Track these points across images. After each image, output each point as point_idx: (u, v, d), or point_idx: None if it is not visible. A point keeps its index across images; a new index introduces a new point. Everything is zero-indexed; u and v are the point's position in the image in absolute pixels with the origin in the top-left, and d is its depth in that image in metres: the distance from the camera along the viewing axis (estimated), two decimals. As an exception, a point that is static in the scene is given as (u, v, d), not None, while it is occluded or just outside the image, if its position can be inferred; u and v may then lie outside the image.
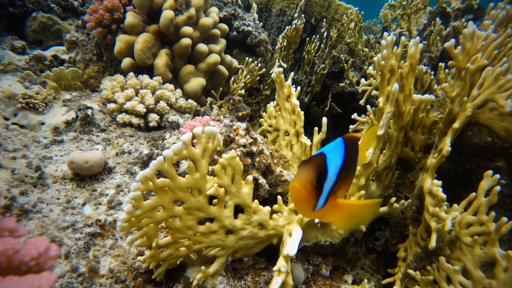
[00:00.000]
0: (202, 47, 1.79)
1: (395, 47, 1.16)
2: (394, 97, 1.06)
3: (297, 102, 1.26)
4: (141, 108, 1.46)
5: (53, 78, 1.83)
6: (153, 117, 1.49)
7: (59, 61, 2.07)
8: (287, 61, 2.29)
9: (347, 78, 2.67)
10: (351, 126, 1.63)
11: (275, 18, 3.18)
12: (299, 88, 1.29)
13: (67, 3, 2.85)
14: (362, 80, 1.52)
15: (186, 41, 1.71)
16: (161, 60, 1.70)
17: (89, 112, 1.42)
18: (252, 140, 1.04)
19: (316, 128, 1.23)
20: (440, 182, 1.02)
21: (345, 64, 2.60)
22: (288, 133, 1.31)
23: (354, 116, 1.61)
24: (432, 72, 1.87)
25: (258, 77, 2.15)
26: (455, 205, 0.99)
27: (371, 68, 1.46)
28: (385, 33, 1.15)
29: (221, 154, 0.99)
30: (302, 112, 1.25)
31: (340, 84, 2.73)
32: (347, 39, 2.82)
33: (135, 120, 1.46)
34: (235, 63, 1.97)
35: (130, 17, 1.70)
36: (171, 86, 1.61)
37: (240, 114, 1.40)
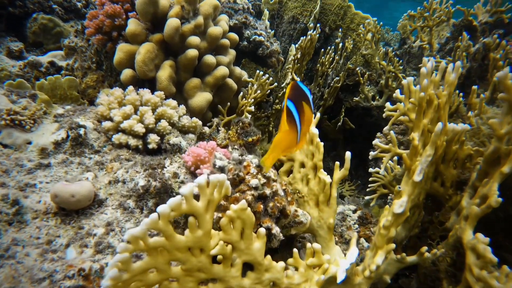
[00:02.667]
0: (210, 59, 1.63)
1: (433, 74, 1.00)
2: (437, 138, 0.90)
3: (316, 131, 1.10)
4: (139, 129, 1.31)
5: (48, 87, 1.69)
6: (153, 139, 1.34)
7: (56, 68, 1.93)
8: (300, 73, 2.14)
9: (362, 93, 2.51)
10: (371, 153, 1.47)
11: (287, 25, 3.03)
12: (318, 114, 1.13)
13: (70, 4, 2.72)
14: (387, 104, 1.36)
15: (193, 52, 1.56)
16: (165, 72, 1.54)
17: (82, 131, 1.27)
18: (265, 181, 0.88)
19: (337, 164, 1.08)
20: (487, 239, 0.86)
21: (361, 78, 2.44)
22: (304, 165, 1.15)
23: (376, 142, 1.45)
24: (461, 94, 1.70)
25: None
26: (505, 268, 0.83)
27: (398, 92, 1.30)
28: (424, 59, 0.99)
29: (227, 198, 0.83)
30: (322, 144, 1.09)
31: (354, 98, 2.57)
32: (363, 51, 2.66)
33: (132, 142, 1.31)
34: (244, 76, 1.82)
35: (132, 25, 1.56)
36: (174, 103, 1.46)
37: (250, 139, 1.24)
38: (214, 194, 0.70)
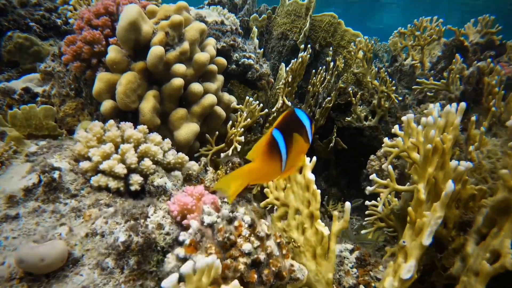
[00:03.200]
0: (197, 87, 1.54)
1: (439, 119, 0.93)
2: (447, 199, 0.82)
3: (312, 177, 1.02)
4: (120, 170, 1.21)
5: (21, 117, 1.57)
6: (136, 180, 1.23)
7: (31, 94, 1.81)
8: (291, 95, 2.06)
9: (354, 113, 2.45)
10: (368, 188, 1.40)
11: (276, 42, 2.96)
12: (314, 158, 1.05)
13: (49, 22, 2.59)
14: (386, 140, 1.28)
15: (178, 82, 1.46)
16: (148, 104, 1.44)
17: (56, 174, 1.15)
18: (258, 243, 0.79)
19: (335, 214, 0.99)
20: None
21: (353, 98, 2.38)
22: (300, 212, 1.07)
23: (373, 177, 1.38)
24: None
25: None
26: None
27: (396, 127, 1.24)
28: (430, 106, 0.92)
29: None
30: (319, 191, 1.01)
31: (346, 118, 2.51)
32: (354, 69, 2.60)
33: (113, 184, 1.21)
34: (233, 103, 1.73)
35: (113, 52, 1.45)
36: (158, 138, 1.35)
37: (241, 181, 1.15)
38: (202, 280, 0.60)
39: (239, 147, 1.60)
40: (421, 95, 2.34)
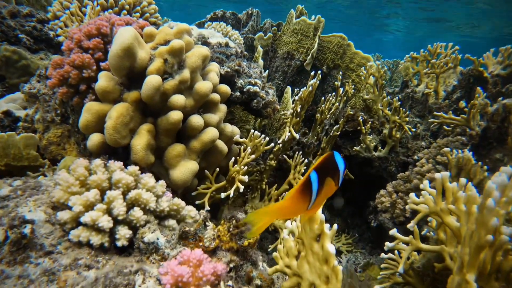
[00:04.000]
0: (196, 121, 1.38)
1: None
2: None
3: (332, 250, 0.85)
4: (105, 223, 1.03)
5: (-2, 146, 1.40)
6: (123, 234, 1.06)
7: (12, 119, 1.63)
8: (298, 124, 1.90)
9: (363, 142, 2.29)
10: (388, 244, 1.23)
11: (281, 61, 2.81)
12: (335, 226, 0.88)
13: (40, 34, 2.43)
14: (412, 196, 1.12)
15: (176, 116, 1.30)
16: (141, 140, 1.27)
17: (27, 230, 0.98)
18: None
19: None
20: None
21: (363, 128, 2.23)
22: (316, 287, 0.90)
23: (394, 233, 1.21)
24: (486, 167, 1.50)
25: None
26: None
27: (426, 183, 1.08)
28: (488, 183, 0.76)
29: None
30: (340, 268, 0.84)
31: (354, 148, 2.35)
32: (364, 95, 2.45)
33: (95, 239, 1.03)
34: (236, 135, 1.56)
35: (103, 80, 1.29)
36: (151, 182, 1.18)
37: (246, 242, 0.98)
38: None
39: (241, 188, 1.44)
40: (435, 126, 2.19)
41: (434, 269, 1.20)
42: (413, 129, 2.19)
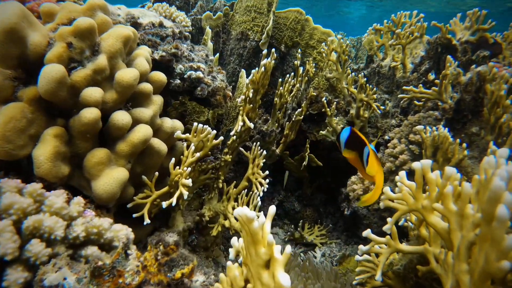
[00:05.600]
0: (121, 117, 1.11)
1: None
2: None
3: (286, 282, 0.63)
4: (-15, 269, 0.76)
5: None
6: (13, 280, 0.79)
7: None
8: (254, 111, 1.66)
9: (329, 125, 2.09)
10: (362, 248, 1.03)
11: (235, 43, 2.55)
12: (288, 248, 0.66)
13: None
14: (387, 190, 0.92)
15: (89, 114, 1.02)
16: (45, 149, 0.99)
17: None
18: None
19: None
20: None
21: (328, 109, 2.02)
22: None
23: (367, 234, 1.02)
24: (465, 145, 1.32)
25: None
26: None
27: (403, 176, 0.87)
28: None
29: None
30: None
31: (320, 131, 2.15)
32: (327, 73, 2.24)
33: (-26, 291, 0.76)
34: (177, 132, 1.30)
35: (-11, 75, 0.99)
36: (59, 202, 0.91)
37: (179, 273, 0.74)
38: None
39: (186, 194, 1.19)
40: (405, 101, 2.02)
41: (417, 272, 1.02)
42: (381, 107, 2.01)
